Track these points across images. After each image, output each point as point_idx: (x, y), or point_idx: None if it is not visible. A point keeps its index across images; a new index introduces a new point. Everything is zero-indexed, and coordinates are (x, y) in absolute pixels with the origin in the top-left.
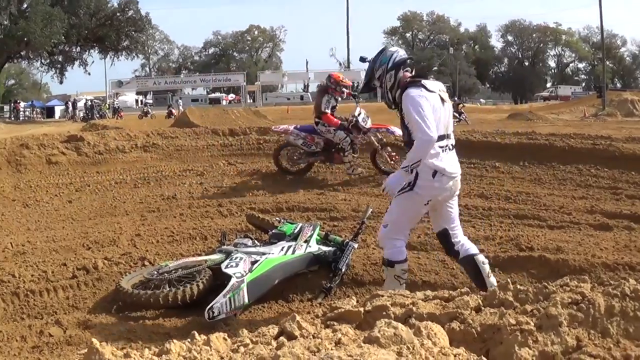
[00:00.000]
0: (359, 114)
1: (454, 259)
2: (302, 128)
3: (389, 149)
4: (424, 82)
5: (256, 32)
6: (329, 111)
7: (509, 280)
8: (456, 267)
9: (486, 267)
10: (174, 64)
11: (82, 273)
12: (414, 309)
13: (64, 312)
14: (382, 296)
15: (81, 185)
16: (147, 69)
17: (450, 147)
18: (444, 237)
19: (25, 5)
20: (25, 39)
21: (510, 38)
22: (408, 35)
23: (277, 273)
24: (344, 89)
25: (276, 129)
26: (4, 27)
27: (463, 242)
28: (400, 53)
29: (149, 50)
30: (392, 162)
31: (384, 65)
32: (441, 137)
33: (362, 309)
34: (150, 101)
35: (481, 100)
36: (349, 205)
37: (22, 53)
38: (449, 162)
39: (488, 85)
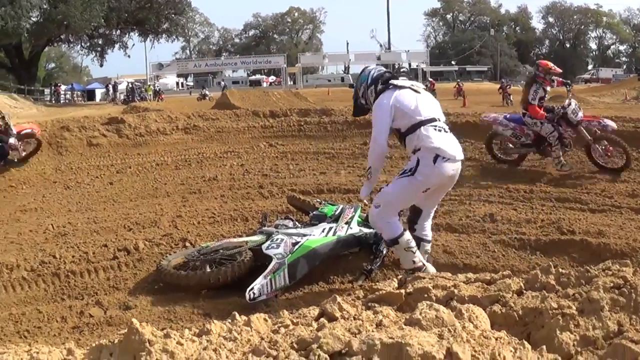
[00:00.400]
0: (568, 105)
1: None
2: (511, 118)
3: (605, 142)
4: (393, 82)
5: (296, 14)
6: (535, 102)
7: (551, 263)
8: (497, 249)
9: (425, 256)
10: (214, 46)
11: (123, 254)
12: (456, 291)
13: (104, 293)
14: (424, 278)
15: (122, 167)
16: (188, 51)
17: (445, 129)
18: (415, 215)
19: None
20: (65, 22)
21: (551, 20)
22: (449, 16)
23: (318, 254)
24: (554, 77)
25: (486, 117)
26: (44, 11)
27: (425, 227)
28: (378, 69)
29: (189, 33)
30: (608, 157)
31: (364, 83)
32: (429, 120)
33: (403, 291)
34: (191, 83)
35: (522, 82)
36: None
37: (62, 36)
38: (447, 143)
39: (529, 67)
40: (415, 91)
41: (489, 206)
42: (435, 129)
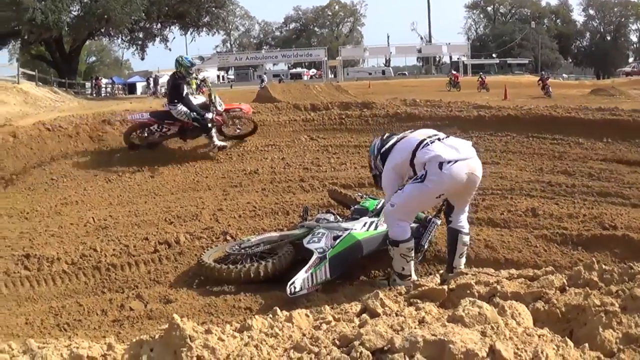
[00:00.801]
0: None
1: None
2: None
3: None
4: (391, 140)
5: (337, 7)
6: None
7: (594, 260)
8: (539, 244)
9: (464, 248)
10: (255, 39)
11: (163, 247)
12: (499, 287)
13: (145, 286)
14: (467, 274)
15: (163, 160)
16: (228, 44)
17: (440, 138)
18: (449, 208)
19: None
20: (106, 16)
21: (591, 12)
22: (489, 9)
23: (360, 249)
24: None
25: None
26: (85, 5)
27: (461, 220)
28: (379, 140)
29: (230, 26)
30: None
31: (372, 156)
32: (421, 142)
33: (445, 287)
34: (232, 76)
35: (563, 75)
36: None
37: (102, 30)
38: (446, 148)
39: (570, 60)
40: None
41: (530, 200)
42: (428, 144)
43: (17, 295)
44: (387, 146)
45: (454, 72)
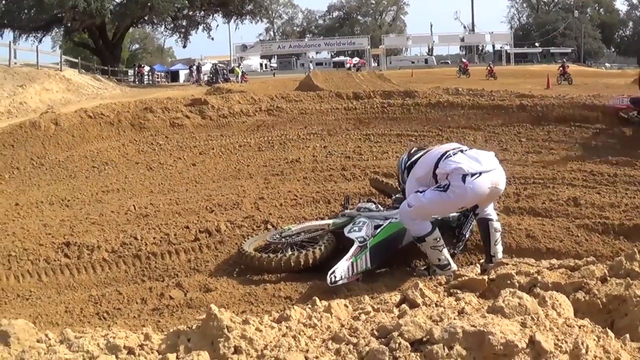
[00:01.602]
0: None
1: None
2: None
3: None
4: (416, 154)
5: None
6: None
7: (635, 250)
8: (581, 234)
9: (497, 234)
10: (298, 27)
11: (204, 236)
12: (539, 278)
13: (185, 275)
14: (507, 264)
15: (205, 148)
16: (272, 32)
17: (462, 149)
18: (474, 207)
19: None
20: (149, 4)
21: (635, 1)
22: None
23: (400, 238)
24: None
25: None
26: None
27: (486, 210)
28: (405, 156)
29: (273, 14)
30: None
31: (400, 170)
32: (443, 154)
33: (486, 277)
34: (275, 65)
35: (606, 64)
36: None
37: (145, 18)
38: (469, 159)
39: (613, 49)
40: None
41: (572, 190)
42: (450, 155)
43: (57, 284)
44: (413, 159)
45: (463, 61)
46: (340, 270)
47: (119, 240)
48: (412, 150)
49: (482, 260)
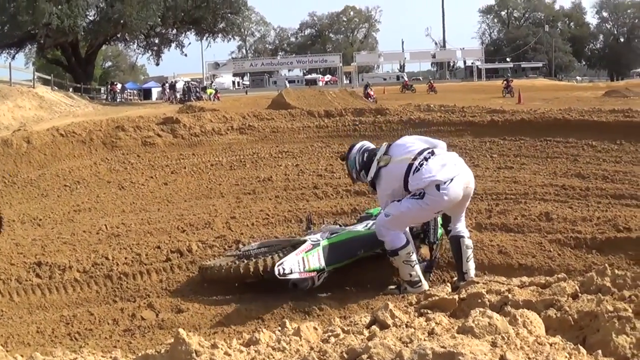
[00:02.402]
0: None
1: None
2: None
3: None
4: (380, 163)
5: (352, 13)
6: None
7: (606, 265)
8: (553, 249)
9: (469, 252)
10: (271, 45)
11: (176, 256)
12: (510, 296)
13: (156, 296)
14: (478, 283)
15: (177, 167)
16: (244, 50)
17: (429, 155)
18: (446, 220)
19: None
20: (122, 21)
21: (605, 14)
22: (503, 13)
23: (358, 243)
24: None
25: None
26: (100, 10)
27: (458, 227)
28: (356, 155)
29: (245, 32)
30: None
31: (353, 170)
32: (414, 159)
33: (456, 297)
34: (247, 82)
35: (577, 77)
36: None
37: (118, 35)
38: (440, 167)
39: (584, 63)
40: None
41: (544, 205)
42: (418, 168)
43: (29, 303)
44: (369, 160)
45: (405, 79)
46: (290, 263)
47: (90, 260)
48: (363, 148)
49: (455, 279)
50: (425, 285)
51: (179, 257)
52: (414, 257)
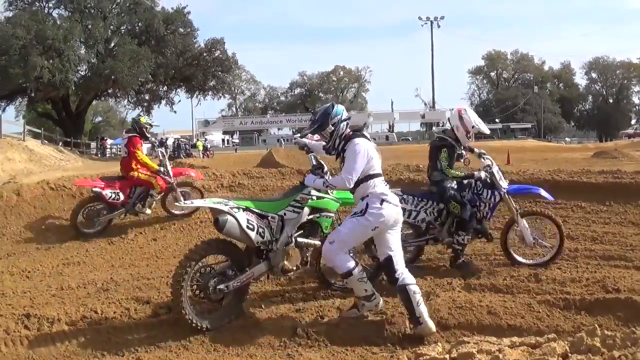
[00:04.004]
0: None
1: (392, 286)
2: None
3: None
4: (364, 132)
5: (341, 73)
6: None
7: (596, 325)
8: (542, 310)
9: (417, 297)
10: (260, 104)
11: (164, 312)
12: (501, 356)
13: (145, 351)
14: (469, 343)
15: (166, 223)
16: (234, 108)
17: (385, 183)
18: (388, 264)
19: (112, 45)
20: (113, 77)
21: (594, 75)
22: (492, 74)
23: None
24: None
25: None
26: (92, 65)
27: (403, 272)
28: (340, 113)
29: (236, 90)
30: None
31: (339, 115)
32: (379, 174)
33: (447, 356)
34: (237, 140)
35: (566, 139)
36: (435, 247)
37: (109, 91)
38: (390, 193)
39: (573, 124)
40: (375, 149)
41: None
42: (382, 182)
43: (17, 355)
44: (361, 132)
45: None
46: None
47: (79, 314)
48: (346, 116)
49: (444, 339)
50: (379, 297)
51: (168, 313)
52: (364, 273)
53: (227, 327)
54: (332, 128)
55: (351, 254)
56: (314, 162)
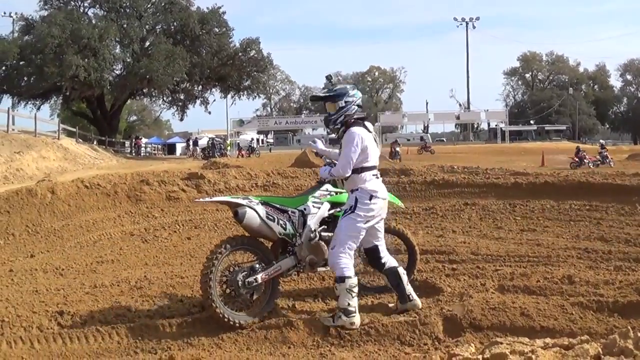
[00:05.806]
0: None
1: (378, 270)
2: None
3: None
4: (366, 123)
5: (376, 73)
6: None
7: (629, 327)
8: (575, 312)
9: (404, 277)
10: (295, 104)
11: (197, 310)
12: (533, 357)
13: (178, 349)
14: (502, 344)
15: (200, 222)
16: (269, 108)
17: (378, 175)
18: (373, 253)
19: (148, 44)
20: (148, 76)
21: (629, 77)
22: (527, 75)
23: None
24: None
25: None
26: (127, 64)
27: (387, 256)
28: (359, 94)
29: (271, 90)
30: None
31: (356, 98)
32: (372, 167)
33: (480, 357)
34: (272, 140)
35: (601, 141)
36: (468, 248)
37: (144, 90)
38: (380, 187)
39: (607, 126)
40: (374, 139)
41: (566, 267)
42: (375, 176)
43: (50, 352)
44: (363, 120)
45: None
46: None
47: (112, 311)
48: (358, 108)
49: (477, 340)
50: (358, 318)
51: (201, 312)
52: (356, 289)
53: (260, 326)
54: (344, 104)
55: (356, 266)
56: (327, 161)
